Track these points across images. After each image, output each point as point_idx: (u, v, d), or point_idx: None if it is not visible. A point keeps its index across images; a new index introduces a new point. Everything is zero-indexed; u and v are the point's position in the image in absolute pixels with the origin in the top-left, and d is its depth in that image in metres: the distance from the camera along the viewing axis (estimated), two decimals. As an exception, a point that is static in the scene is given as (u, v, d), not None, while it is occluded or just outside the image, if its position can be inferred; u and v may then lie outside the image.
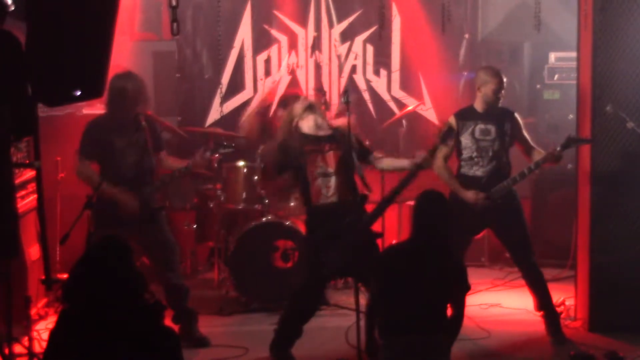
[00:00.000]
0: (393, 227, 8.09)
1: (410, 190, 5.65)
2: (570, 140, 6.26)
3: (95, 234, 5.64)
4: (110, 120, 6.15)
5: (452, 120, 6.42)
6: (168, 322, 3.89)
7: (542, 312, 6.38)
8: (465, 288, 4.96)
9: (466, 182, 6.33)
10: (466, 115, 6.42)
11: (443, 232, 4.90)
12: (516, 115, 6.47)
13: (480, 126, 6.34)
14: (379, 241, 5.84)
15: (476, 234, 6.56)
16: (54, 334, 3.62)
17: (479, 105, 6.39)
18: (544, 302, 6.36)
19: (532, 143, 6.44)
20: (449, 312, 4.95)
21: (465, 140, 6.35)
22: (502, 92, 6.34)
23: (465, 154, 6.36)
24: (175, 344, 3.66)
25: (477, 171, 6.34)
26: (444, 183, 6.36)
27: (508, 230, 6.40)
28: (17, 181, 6.13)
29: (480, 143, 6.32)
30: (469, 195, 6.27)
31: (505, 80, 6.39)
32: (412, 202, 5.36)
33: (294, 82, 8.78)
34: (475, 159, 6.29)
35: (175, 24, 5.04)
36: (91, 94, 4.36)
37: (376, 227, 5.92)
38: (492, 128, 6.32)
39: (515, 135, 6.41)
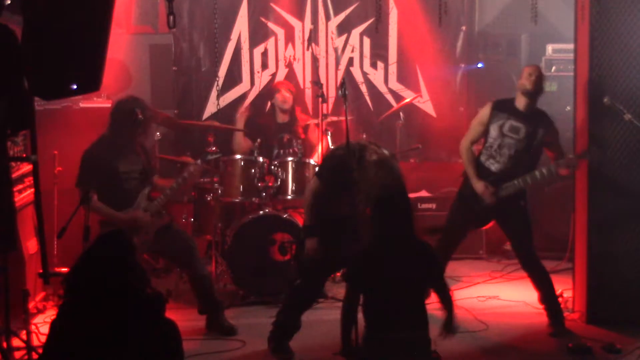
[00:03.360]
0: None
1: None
2: (587, 151, 6.26)
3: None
4: (111, 146, 6.17)
5: (487, 107, 6.39)
6: (172, 315, 3.89)
7: (544, 305, 6.38)
8: (440, 267, 4.97)
9: (479, 170, 6.33)
10: (502, 107, 6.34)
11: (411, 224, 4.70)
12: (553, 123, 6.34)
13: (512, 122, 6.26)
14: None
15: (483, 224, 6.56)
16: (54, 325, 3.63)
17: (518, 101, 6.31)
18: (547, 296, 6.35)
19: (564, 153, 6.34)
20: (436, 295, 4.77)
21: (493, 130, 6.30)
22: (533, 92, 6.20)
23: (488, 143, 6.34)
24: (176, 336, 3.67)
25: (492, 165, 6.31)
26: (463, 164, 6.43)
27: (512, 222, 6.39)
28: (14, 175, 6.11)
29: (505, 139, 6.26)
30: (479, 186, 6.26)
31: (544, 85, 6.25)
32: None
33: (291, 75, 8.78)
34: (494, 153, 6.28)
35: (171, 17, 5.03)
36: (88, 87, 4.36)
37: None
38: (522, 127, 6.24)
39: (548, 143, 6.31)
